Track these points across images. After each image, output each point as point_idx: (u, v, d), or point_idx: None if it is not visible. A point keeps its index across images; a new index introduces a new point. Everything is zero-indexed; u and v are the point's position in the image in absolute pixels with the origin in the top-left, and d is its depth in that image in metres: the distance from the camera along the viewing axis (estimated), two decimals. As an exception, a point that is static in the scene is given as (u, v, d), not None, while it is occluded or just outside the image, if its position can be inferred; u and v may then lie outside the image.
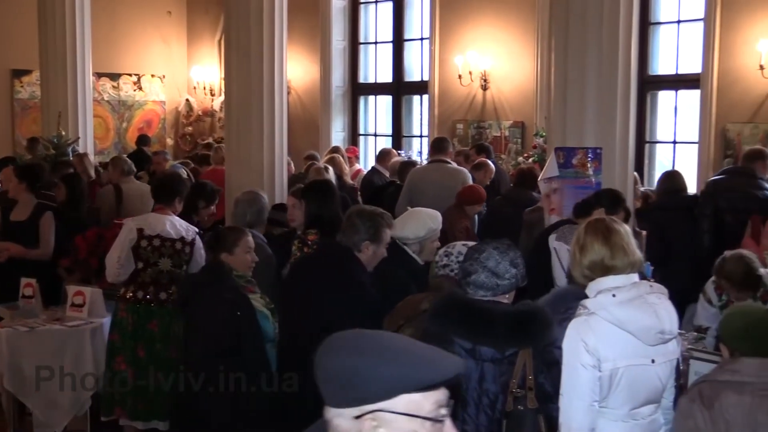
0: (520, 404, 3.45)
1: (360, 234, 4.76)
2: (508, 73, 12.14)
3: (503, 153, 11.83)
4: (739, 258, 5.19)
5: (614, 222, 3.71)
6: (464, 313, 3.53)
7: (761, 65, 9.54)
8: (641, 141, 10.66)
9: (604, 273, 3.55)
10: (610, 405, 3.50)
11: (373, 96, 14.66)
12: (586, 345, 3.43)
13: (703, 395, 3.26)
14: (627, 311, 3.45)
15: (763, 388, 3.17)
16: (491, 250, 3.62)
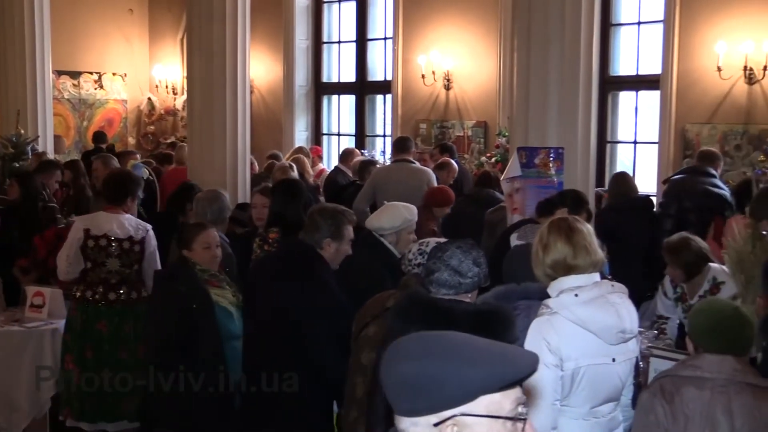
0: None
1: (321, 232, 4.75)
2: (470, 73, 12.19)
3: (466, 153, 11.87)
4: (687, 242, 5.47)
5: (577, 221, 3.72)
6: (425, 312, 3.49)
7: (719, 67, 9.67)
8: (603, 141, 10.76)
9: (567, 272, 3.56)
10: (571, 404, 3.52)
11: (337, 95, 14.64)
12: (548, 344, 3.45)
13: (664, 390, 3.29)
14: (589, 311, 3.48)
15: (722, 384, 3.20)
16: (454, 249, 3.60)
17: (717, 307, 3.50)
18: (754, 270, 4.74)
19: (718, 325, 3.34)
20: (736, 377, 3.21)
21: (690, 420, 3.19)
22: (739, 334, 3.34)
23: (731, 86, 9.74)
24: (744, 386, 3.20)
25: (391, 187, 8.32)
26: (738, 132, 9.73)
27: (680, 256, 5.45)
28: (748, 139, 9.64)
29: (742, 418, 3.16)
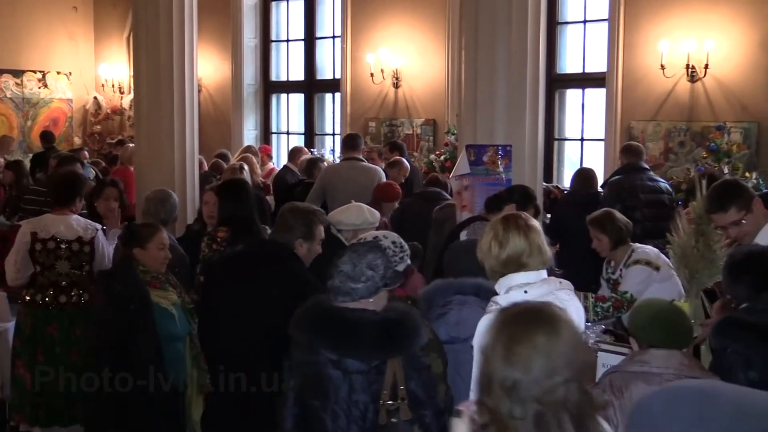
0: (393, 416, 3.36)
1: (293, 232, 4.72)
2: (419, 71, 12.24)
3: (415, 151, 11.92)
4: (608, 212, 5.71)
5: (530, 219, 3.72)
6: (328, 323, 3.44)
7: (662, 65, 9.83)
8: (550, 138, 10.88)
9: (518, 269, 3.55)
10: None
11: (285, 94, 14.60)
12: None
13: (613, 385, 3.35)
14: None
15: (669, 379, 3.27)
16: (350, 254, 3.54)
17: (654, 303, 3.67)
18: (698, 264, 4.84)
19: (656, 319, 3.47)
20: (683, 371, 3.30)
21: None
22: (678, 326, 3.46)
23: (674, 84, 9.91)
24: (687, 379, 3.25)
25: (342, 185, 8.33)
26: (681, 129, 9.90)
27: (606, 225, 5.61)
28: (691, 135, 9.82)
29: None
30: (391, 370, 3.35)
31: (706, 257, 4.76)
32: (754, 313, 3.60)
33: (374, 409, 3.34)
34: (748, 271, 3.69)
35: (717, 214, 4.60)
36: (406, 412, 3.35)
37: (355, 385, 3.35)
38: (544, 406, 2.26)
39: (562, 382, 2.27)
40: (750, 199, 4.50)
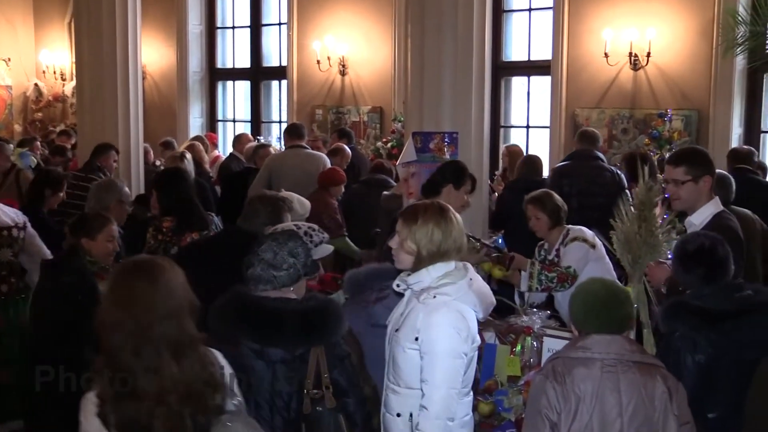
0: (318, 405, 3.36)
1: (261, 219, 4.73)
2: (366, 58, 12.22)
3: (362, 138, 11.91)
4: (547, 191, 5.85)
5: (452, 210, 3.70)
6: (249, 314, 3.40)
7: (606, 53, 9.96)
8: (496, 125, 10.96)
9: (442, 258, 3.55)
10: (463, 383, 3.56)
11: (231, 81, 14.48)
12: (462, 333, 3.45)
13: (555, 371, 3.35)
14: (480, 292, 3.59)
15: (610, 363, 3.29)
16: (270, 242, 3.52)
17: (591, 290, 3.53)
18: (640, 250, 4.90)
19: (592, 310, 3.42)
20: (624, 356, 3.31)
21: (581, 400, 3.27)
22: (614, 313, 3.42)
23: (618, 72, 10.05)
24: (631, 364, 3.30)
25: (287, 172, 8.30)
26: (625, 116, 10.04)
27: (545, 204, 5.68)
28: (634, 123, 9.97)
29: (629, 395, 3.26)
30: (314, 358, 3.35)
31: (648, 242, 4.82)
32: (701, 298, 3.70)
33: (298, 399, 3.34)
34: (699, 263, 3.78)
35: (669, 165, 4.74)
36: (330, 400, 3.36)
37: (278, 375, 3.33)
38: (141, 339, 2.73)
39: (157, 320, 2.75)
40: (703, 173, 4.57)
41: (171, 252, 5.44)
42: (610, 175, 7.26)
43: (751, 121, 9.64)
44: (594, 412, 3.24)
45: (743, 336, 3.63)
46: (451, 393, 3.44)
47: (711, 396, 3.63)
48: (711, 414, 3.63)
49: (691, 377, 3.59)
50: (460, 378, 3.48)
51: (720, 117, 9.49)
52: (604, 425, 3.23)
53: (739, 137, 9.47)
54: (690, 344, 3.61)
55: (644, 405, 3.26)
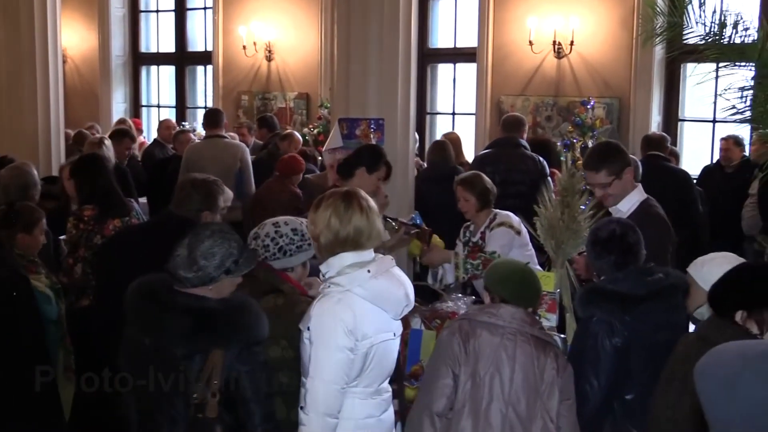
0: (199, 412, 3.15)
1: (195, 203, 4.61)
2: (292, 44, 12.16)
3: (288, 124, 11.85)
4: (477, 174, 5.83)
5: (370, 199, 3.54)
6: (145, 304, 3.26)
7: (530, 41, 10.08)
8: (422, 112, 11.03)
9: (355, 248, 3.40)
10: (361, 384, 3.40)
11: (156, 66, 14.27)
12: (345, 326, 3.28)
13: (462, 329, 3.57)
14: (380, 286, 3.37)
15: (511, 332, 3.53)
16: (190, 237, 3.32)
17: (512, 262, 3.88)
18: (563, 235, 4.99)
19: (512, 277, 3.68)
20: (524, 328, 3.55)
21: (479, 359, 3.51)
22: (529, 287, 3.70)
23: (542, 60, 10.19)
24: (529, 337, 3.54)
25: (205, 164, 8.04)
26: (549, 103, 10.20)
27: (475, 185, 5.70)
28: (558, 110, 10.13)
29: (522, 365, 3.50)
30: (210, 362, 3.15)
31: (570, 228, 4.91)
32: (615, 283, 3.78)
33: (184, 403, 3.17)
34: (611, 251, 3.86)
35: (590, 173, 4.78)
36: (213, 409, 3.15)
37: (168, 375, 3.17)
38: None
39: None
40: (623, 167, 4.66)
41: (94, 241, 5.36)
42: (532, 162, 7.32)
43: (670, 109, 9.88)
44: (488, 374, 3.49)
45: (656, 318, 3.75)
46: (331, 388, 3.29)
47: (628, 378, 3.73)
48: (628, 395, 3.73)
49: (608, 360, 3.68)
50: (343, 373, 3.30)
51: (640, 105, 9.71)
52: (493, 387, 3.48)
53: (658, 125, 9.70)
54: (607, 328, 3.69)
55: (534, 376, 3.50)
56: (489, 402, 3.48)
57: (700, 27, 4.87)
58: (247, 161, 8.41)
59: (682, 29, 5.01)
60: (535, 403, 3.49)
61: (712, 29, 4.83)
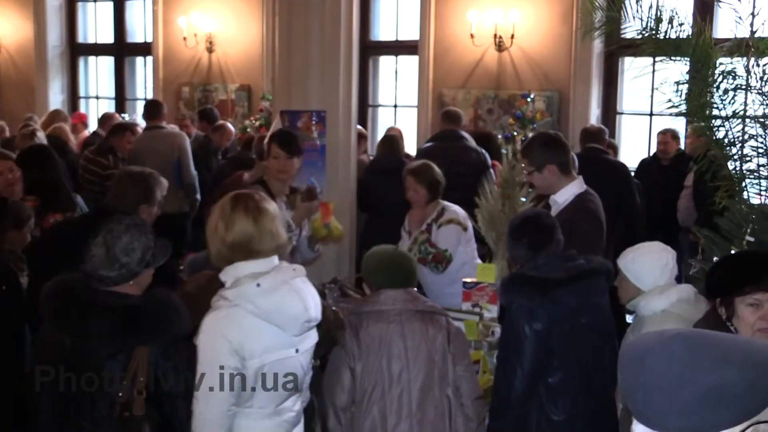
0: (126, 411, 3.07)
1: (132, 197, 4.57)
2: (233, 36, 12.06)
3: (230, 116, 11.77)
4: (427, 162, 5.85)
5: (264, 200, 3.31)
6: (64, 303, 3.15)
7: (472, 34, 10.15)
8: (364, 104, 11.03)
9: (247, 256, 3.17)
10: (256, 404, 3.21)
11: (94, 57, 14.04)
12: (230, 344, 3.07)
13: (351, 325, 3.76)
14: (273, 301, 3.12)
15: (396, 313, 3.74)
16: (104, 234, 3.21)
17: (384, 250, 4.01)
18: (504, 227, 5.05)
19: (383, 264, 3.88)
20: (408, 306, 3.78)
21: (372, 348, 3.71)
22: (404, 269, 3.90)
23: (483, 53, 10.25)
24: (414, 313, 3.78)
25: (146, 156, 8.03)
26: (490, 96, 10.28)
27: (425, 175, 5.68)
28: (499, 103, 10.21)
29: (413, 340, 3.74)
30: (135, 359, 3.06)
31: (510, 221, 4.99)
32: (535, 269, 3.86)
33: (109, 402, 3.08)
34: (525, 233, 3.93)
35: (521, 158, 5.02)
36: (140, 406, 3.06)
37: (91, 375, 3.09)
38: None
39: None
40: (543, 163, 4.72)
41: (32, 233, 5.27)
42: (475, 154, 7.38)
43: (608, 103, 10.03)
44: (383, 356, 3.72)
45: (577, 301, 3.82)
46: (216, 410, 3.10)
47: (551, 362, 3.80)
48: (552, 379, 3.80)
49: (531, 345, 3.75)
50: (228, 395, 3.09)
51: (579, 98, 9.83)
52: (391, 366, 3.72)
53: (597, 118, 9.84)
54: (528, 313, 3.76)
55: (426, 347, 3.76)
56: (389, 386, 3.70)
57: (637, 22, 4.95)
58: (186, 149, 8.38)
59: (620, 24, 5.09)
60: (433, 374, 3.75)
61: (649, 24, 4.92)
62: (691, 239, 6.62)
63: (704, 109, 4.88)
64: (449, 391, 3.77)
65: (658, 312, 3.69)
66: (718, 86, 4.82)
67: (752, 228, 4.13)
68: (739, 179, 4.80)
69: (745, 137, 4.80)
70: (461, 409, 3.79)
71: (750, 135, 4.80)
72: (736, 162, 4.85)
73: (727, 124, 4.83)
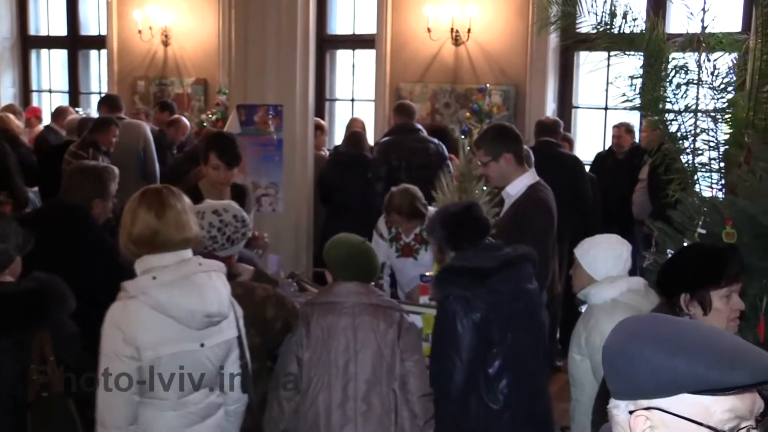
0: (45, 391, 3.11)
1: (85, 191, 4.50)
2: (190, 29, 11.96)
3: (186, 111, 11.68)
4: (405, 191, 5.61)
5: (172, 195, 3.27)
6: None
7: (429, 28, 10.17)
8: (321, 98, 11.01)
9: (152, 250, 3.17)
10: (156, 395, 3.19)
11: (47, 50, 13.84)
12: (123, 334, 3.07)
13: (303, 315, 3.79)
14: (169, 295, 3.12)
15: (348, 306, 3.75)
16: None
17: (350, 242, 3.93)
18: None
19: (351, 257, 3.85)
20: (361, 299, 3.77)
21: (321, 339, 3.72)
22: (368, 263, 3.88)
23: (440, 47, 10.28)
24: (365, 306, 3.76)
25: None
26: (447, 90, 10.30)
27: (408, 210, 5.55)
28: (456, 97, 10.25)
29: (363, 333, 3.73)
30: (38, 342, 3.10)
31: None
32: (466, 259, 3.88)
33: (23, 388, 3.09)
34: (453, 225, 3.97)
35: (475, 148, 4.99)
36: (58, 383, 3.12)
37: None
38: None
39: None
40: (500, 151, 4.75)
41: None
42: (434, 147, 7.41)
43: (564, 97, 10.11)
44: (331, 348, 3.72)
45: (510, 288, 3.88)
46: (116, 399, 3.09)
47: (489, 351, 3.83)
48: (491, 369, 3.83)
49: (468, 336, 3.78)
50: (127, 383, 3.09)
51: (536, 92, 9.90)
52: (338, 357, 3.72)
53: (553, 112, 9.91)
54: (464, 304, 3.78)
55: (375, 340, 3.74)
56: (335, 378, 3.70)
57: (592, 17, 5.00)
58: (150, 140, 8.35)
59: (575, 19, 5.14)
60: (381, 368, 3.73)
61: (603, 19, 4.97)
62: (646, 232, 6.70)
63: (657, 103, 4.94)
64: (396, 386, 3.75)
65: (608, 301, 3.73)
66: (670, 81, 4.89)
67: (704, 220, 4.18)
68: (692, 172, 4.88)
69: (697, 131, 4.88)
70: (407, 404, 3.75)
71: (702, 129, 4.87)
72: (688, 155, 4.92)
73: (680, 117, 4.90)
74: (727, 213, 4.06)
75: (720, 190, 4.84)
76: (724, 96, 4.90)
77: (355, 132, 8.22)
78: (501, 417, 3.82)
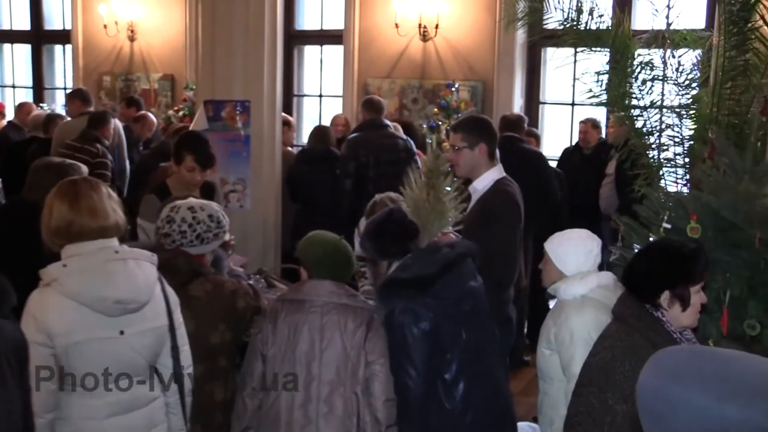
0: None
1: (48, 188, 4.42)
2: (156, 24, 11.87)
3: (153, 106, 11.60)
4: (389, 199, 5.59)
5: (89, 186, 3.31)
6: None
7: (396, 24, 10.17)
8: (289, 94, 10.98)
9: (69, 240, 3.19)
10: (77, 383, 3.19)
11: (9, 44, 13.67)
12: (36, 321, 3.09)
13: (271, 311, 3.76)
14: (80, 281, 3.13)
15: (318, 304, 3.69)
16: None
17: (327, 239, 3.88)
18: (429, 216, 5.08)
19: (327, 255, 3.79)
20: (331, 298, 3.71)
21: (287, 336, 3.67)
22: (344, 262, 3.84)
23: (408, 43, 10.29)
24: (334, 305, 3.70)
25: None
26: (415, 86, 10.32)
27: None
28: (424, 93, 10.26)
29: (330, 332, 3.67)
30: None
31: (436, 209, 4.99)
32: (406, 269, 3.75)
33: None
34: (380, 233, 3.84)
35: (451, 132, 4.94)
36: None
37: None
38: None
39: None
40: (478, 140, 4.73)
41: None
42: (402, 142, 7.41)
43: (531, 93, 10.16)
44: (296, 346, 3.66)
45: (455, 290, 3.77)
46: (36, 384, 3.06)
47: (443, 357, 3.73)
48: (447, 374, 3.73)
49: (420, 347, 3.67)
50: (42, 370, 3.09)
51: (503, 88, 9.94)
52: (302, 356, 3.66)
53: (521, 107, 9.96)
54: (412, 315, 3.68)
55: (341, 341, 3.67)
56: (299, 377, 3.65)
57: (558, 13, 5.04)
58: (122, 137, 8.28)
59: (542, 15, 5.17)
60: (346, 369, 3.66)
61: (570, 15, 5.00)
62: (613, 227, 6.75)
63: (624, 99, 4.98)
64: (359, 390, 3.66)
65: (578, 297, 3.75)
66: (636, 77, 4.93)
67: (669, 215, 4.22)
68: (657, 168, 4.92)
69: (663, 126, 4.92)
70: (369, 408, 3.66)
71: (667, 124, 4.92)
72: (654, 151, 4.97)
73: (646, 113, 4.95)
74: (691, 208, 4.09)
75: (685, 185, 4.89)
76: (688, 92, 4.95)
77: (321, 127, 8.16)
78: (463, 419, 3.74)
